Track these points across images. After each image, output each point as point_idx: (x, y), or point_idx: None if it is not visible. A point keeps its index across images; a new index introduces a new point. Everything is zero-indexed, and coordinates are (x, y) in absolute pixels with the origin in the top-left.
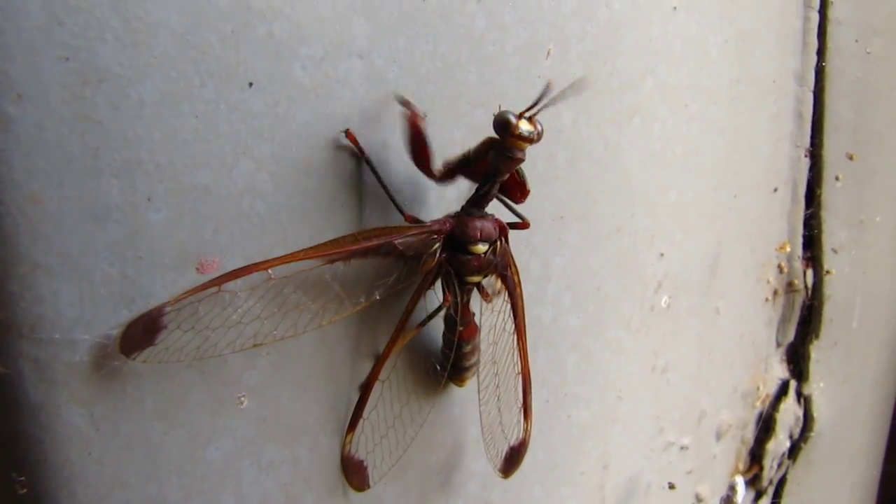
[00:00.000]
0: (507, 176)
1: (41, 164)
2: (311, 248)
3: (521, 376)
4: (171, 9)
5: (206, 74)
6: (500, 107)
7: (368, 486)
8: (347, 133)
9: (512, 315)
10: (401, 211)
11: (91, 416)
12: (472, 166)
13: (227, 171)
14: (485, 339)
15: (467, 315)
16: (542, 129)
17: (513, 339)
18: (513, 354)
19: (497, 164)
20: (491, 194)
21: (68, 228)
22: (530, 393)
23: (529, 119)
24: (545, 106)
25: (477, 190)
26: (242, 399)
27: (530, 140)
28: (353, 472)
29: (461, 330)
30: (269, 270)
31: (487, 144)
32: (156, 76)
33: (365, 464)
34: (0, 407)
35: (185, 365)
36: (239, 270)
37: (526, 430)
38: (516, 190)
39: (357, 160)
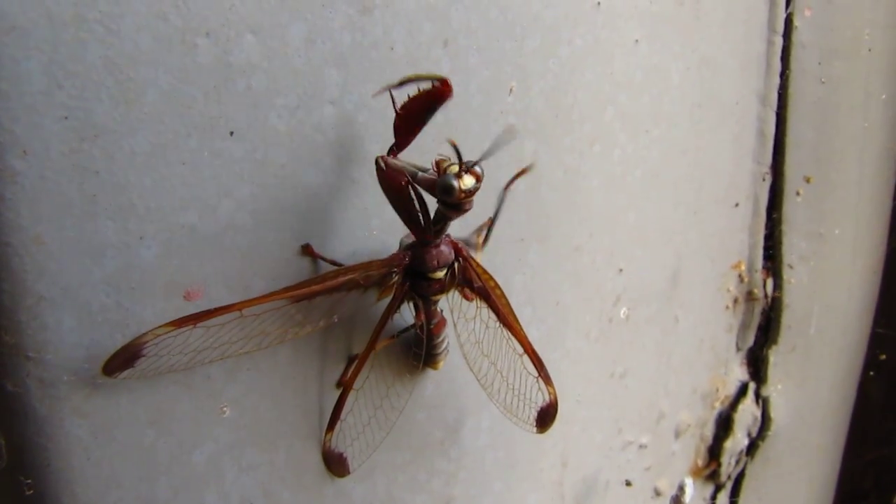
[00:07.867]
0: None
1: (44, 210)
2: (280, 290)
3: (526, 356)
4: (159, 69)
5: (192, 126)
6: (434, 163)
7: (349, 473)
8: (306, 248)
9: (493, 314)
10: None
11: (90, 426)
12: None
13: (212, 211)
14: (466, 341)
15: (435, 316)
16: (483, 172)
17: (502, 332)
18: (509, 342)
19: (447, 212)
20: (444, 228)
21: (69, 265)
22: (543, 366)
23: (469, 170)
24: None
25: (433, 223)
26: (225, 409)
27: (475, 191)
28: (335, 464)
29: (431, 328)
30: (242, 311)
31: (431, 186)
32: (146, 130)
33: (345, 455)
34: (10, 420)
35: (174, 380)
36: (216, 310)
37: (552, 393)
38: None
39: (331, 193)
